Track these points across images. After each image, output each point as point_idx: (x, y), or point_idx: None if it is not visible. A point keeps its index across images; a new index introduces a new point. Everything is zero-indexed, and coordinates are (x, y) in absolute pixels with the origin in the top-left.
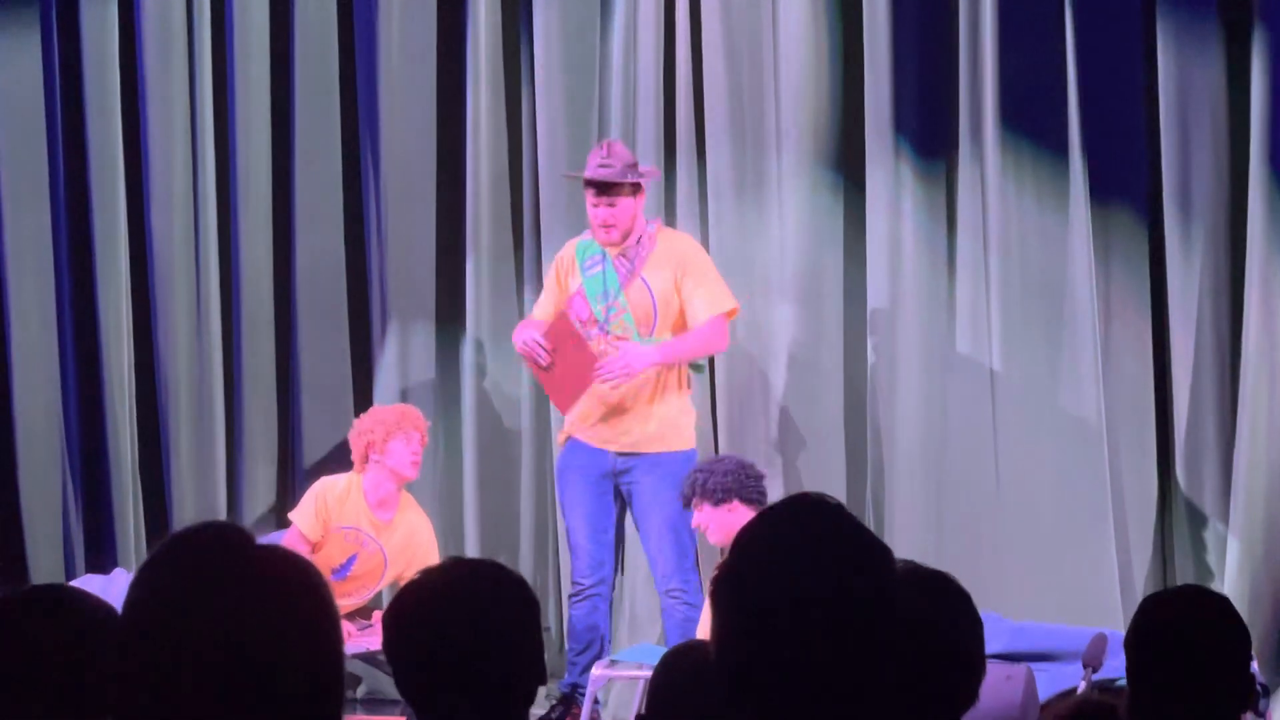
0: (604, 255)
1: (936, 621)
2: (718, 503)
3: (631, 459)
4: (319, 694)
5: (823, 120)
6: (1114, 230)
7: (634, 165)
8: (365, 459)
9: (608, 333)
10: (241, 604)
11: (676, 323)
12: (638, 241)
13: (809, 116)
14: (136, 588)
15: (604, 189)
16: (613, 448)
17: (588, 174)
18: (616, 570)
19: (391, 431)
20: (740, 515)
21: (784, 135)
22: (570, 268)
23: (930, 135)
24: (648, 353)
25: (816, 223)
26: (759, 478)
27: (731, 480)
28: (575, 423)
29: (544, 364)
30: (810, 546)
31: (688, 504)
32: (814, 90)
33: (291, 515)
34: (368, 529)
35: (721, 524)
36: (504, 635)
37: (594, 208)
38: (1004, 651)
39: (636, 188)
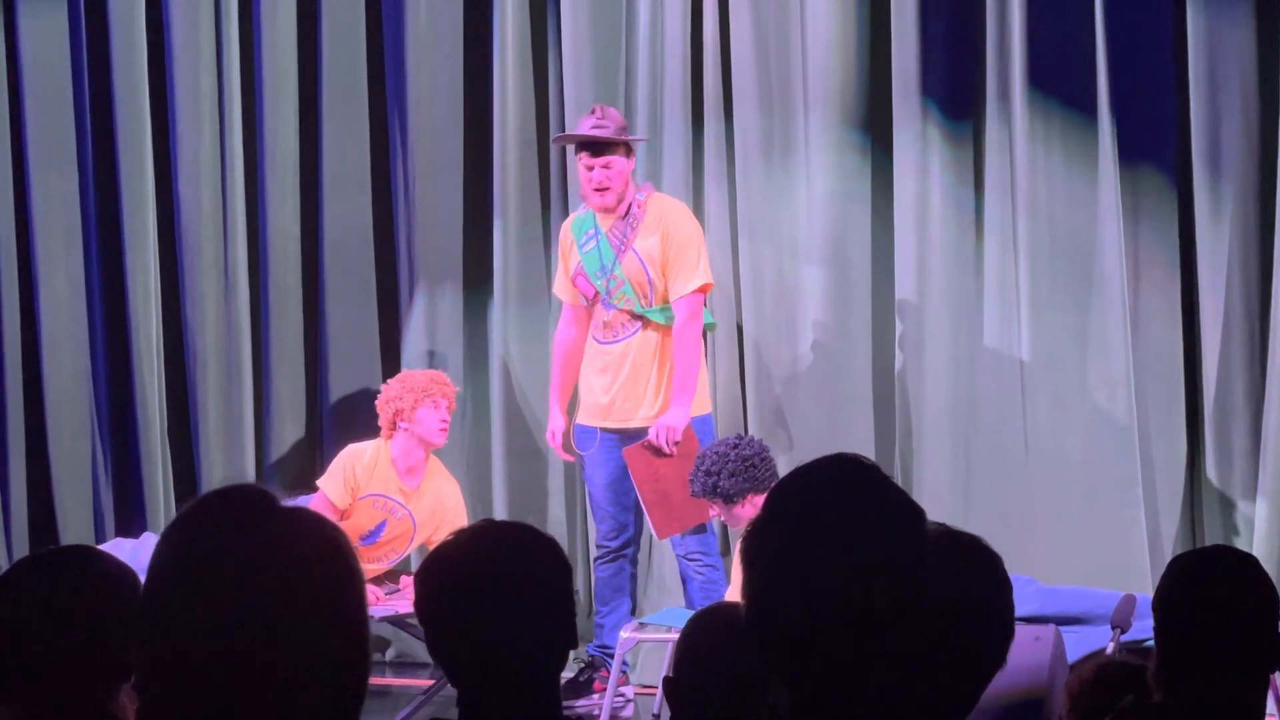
0: (597, 229)
1: (967, 584)
2: (730, 501)
3: (646, 431)
4: (344, 655)
5: (850, 82)
6: (1143, 191)
7: (625, 128)
8: (393, 426)
9: (611, 306)
10: (264, 566)
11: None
12: (628, 211)
13: (836, 78)
14: (161, 551)
15: (599, 149)
16: (630, 424)
17: (582, 133)
18: (642, 534)
19: (420, 399)
20: (755, 504)
21: (811, 97)
22: (569, 247)
23: (958, 96)
24: (679, 412)
25: (844, 185)
26: (765, 461)
27: (741, 480)
28: (590, 414)
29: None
30: (844, 506)
31: (699, 497)
32: (841, 51)
33: (319, 483)
34: (396, 496)
35: (738, 516)
36: (537, 597)
37: (588, 170)
38: (1034, 614)
39: (629, 150)
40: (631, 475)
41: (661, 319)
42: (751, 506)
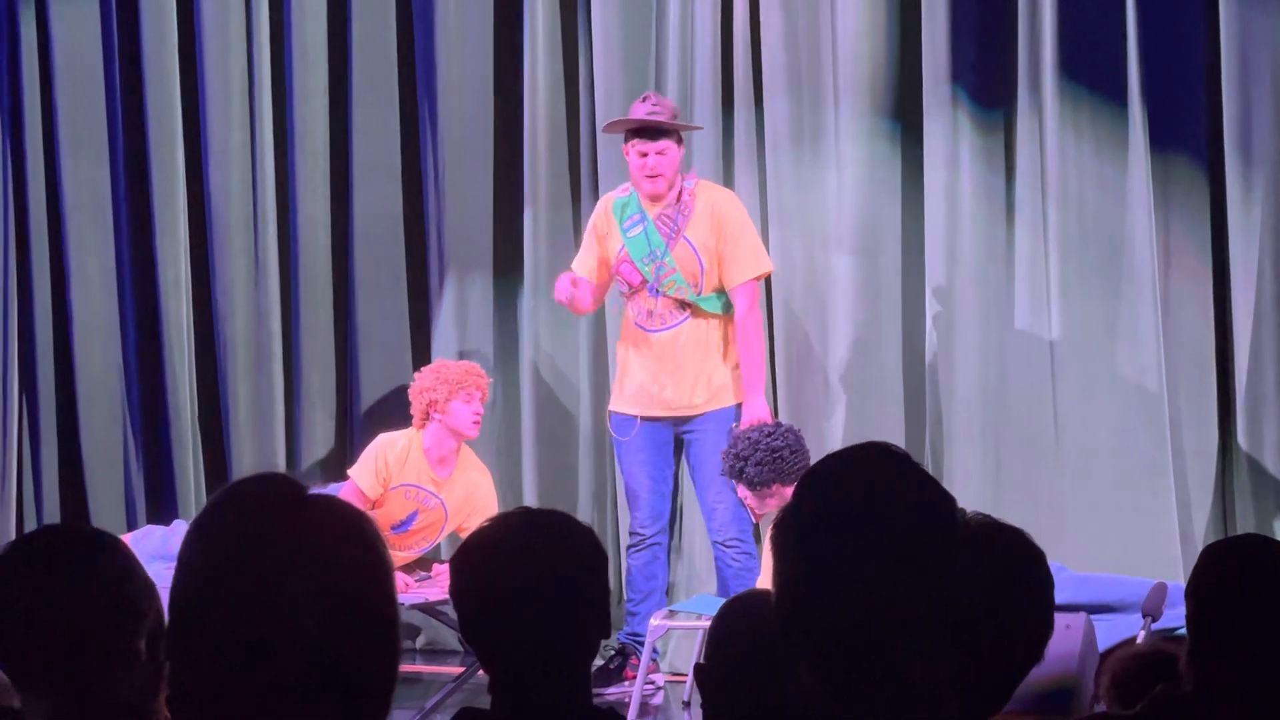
0: (643, 214)
1: (1008, 577)
2: (756, 488)
3: (694, 418)
4: (374, 643)
5: (880, 70)
6: (1174, 179)
7: (679, 114)
8: (426, 417)
9: (659, 294)
10: (294, 554)
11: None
12: (678, 199)
13: (866, 66)
14: (191, 539)
15: (654, 135)
16: (679, 413)
17: (640, 118)
18: (675, 521)
19: (454, 391)
20: (782, 496)
21: (841, 86)
22: (608, 227)
23: (988, 84)
24: (758, 402)
25: (874, 174)
26: (796, 453)
27: (768, 470)
28: (630, 401)
29: None
30: (875, 494)
31: (725, 477)
32: (871, 40)
33: (351, 472)
34: (428, 486)
35: (762, 503)
36: (572, 585)
37: (642, 157)
38: (1066, 602)
39: (680, 137)
40: None
41: (713, 307)
42: (778, 498)
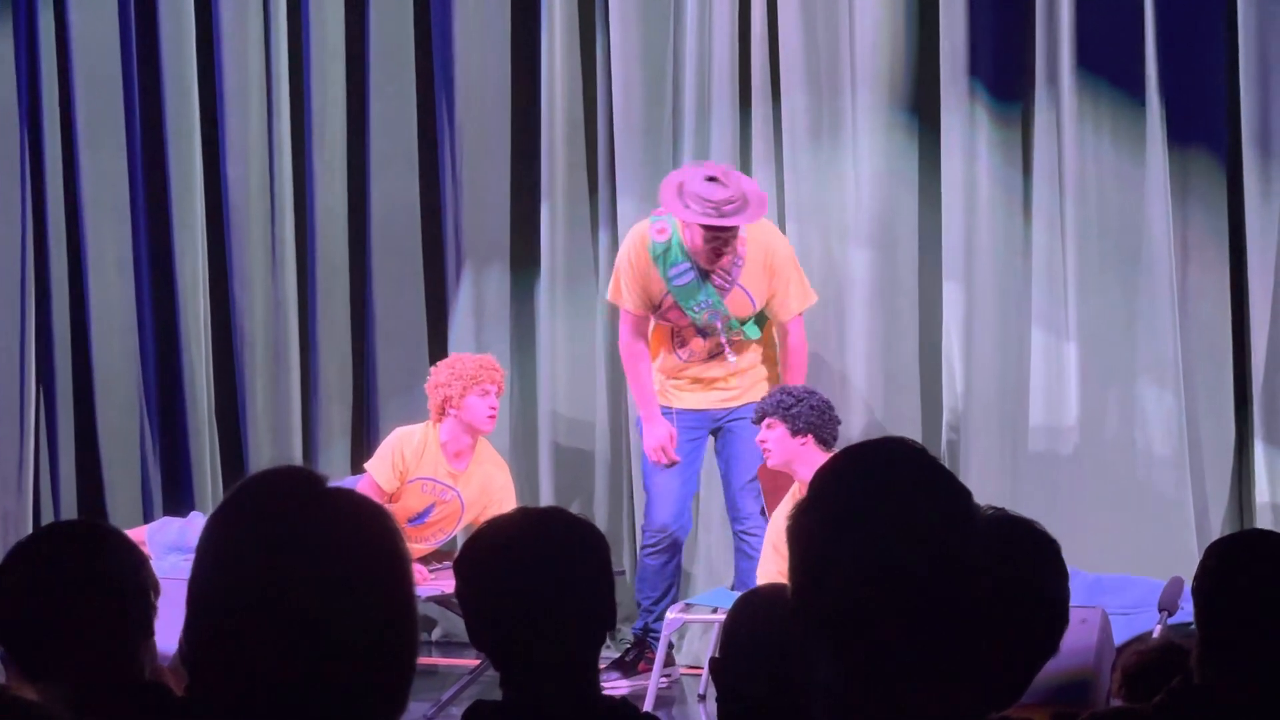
0: (692, 264)
1: (1021, 570)
2: (795, 432)
3: (736, 408)
4: (391, 635)
5: (898, 63)
6: (1192, 173)
7: (751, 190)
8: (442, 412)
9: (705, 336)
10: (311, 547)
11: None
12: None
13: (884, 59)
14: (209, 531)
15: (733, 229)
16: (719, 406)
17: (720, 221)
18: (694, 516)
19: (468, 386)
20: (810, 451)
21: (859, 78)
22: (649, 271)
23: (1006, 78)
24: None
25: (891, 167)
26: (837, 423)
27: (815, 416)
28: (674, 394)
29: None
30: (891, 488)
31: (761, 419)
32: (889, 33)
33: (368, 466)
34: (444, 479)
35: (787, 451)
36: (571, 579)
37: (711, 243)
38: (1077, 605)
39: None
40: None
41: (755, 333)
42: (807, 451)
